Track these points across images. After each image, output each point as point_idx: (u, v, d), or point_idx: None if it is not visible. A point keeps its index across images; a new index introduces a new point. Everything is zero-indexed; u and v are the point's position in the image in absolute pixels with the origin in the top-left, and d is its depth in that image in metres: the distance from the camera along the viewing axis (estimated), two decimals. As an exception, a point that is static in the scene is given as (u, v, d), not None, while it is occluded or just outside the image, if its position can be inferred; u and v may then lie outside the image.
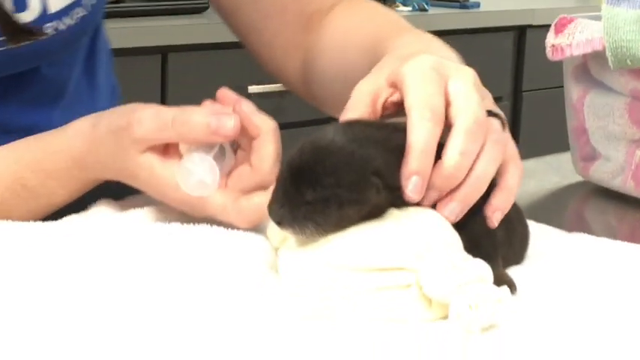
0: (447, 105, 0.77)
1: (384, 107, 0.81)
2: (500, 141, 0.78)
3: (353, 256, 0.72)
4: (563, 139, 1.24)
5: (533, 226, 0.87)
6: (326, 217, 0.72)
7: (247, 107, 0.84)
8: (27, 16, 0.98)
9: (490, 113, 0.78)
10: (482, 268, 0.72)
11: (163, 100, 2.04)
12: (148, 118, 0.83)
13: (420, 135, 0.74)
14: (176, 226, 0.84)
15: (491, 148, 0.76)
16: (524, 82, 3.26)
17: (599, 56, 1.11)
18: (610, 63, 1.02)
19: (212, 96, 0.87)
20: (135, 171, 0.85)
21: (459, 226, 0.76)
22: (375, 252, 0.72)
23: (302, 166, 0.73)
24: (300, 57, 1.15)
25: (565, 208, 1.18)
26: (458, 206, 0.75)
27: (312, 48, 1.13)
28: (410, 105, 0.76)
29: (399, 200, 0.74)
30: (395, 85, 0.79)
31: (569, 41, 1.13)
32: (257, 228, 0.84)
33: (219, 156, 0.83)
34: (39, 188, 0.90)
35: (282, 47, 1.16)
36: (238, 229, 0.83)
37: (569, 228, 0.95)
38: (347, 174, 0.72)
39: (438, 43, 0.93)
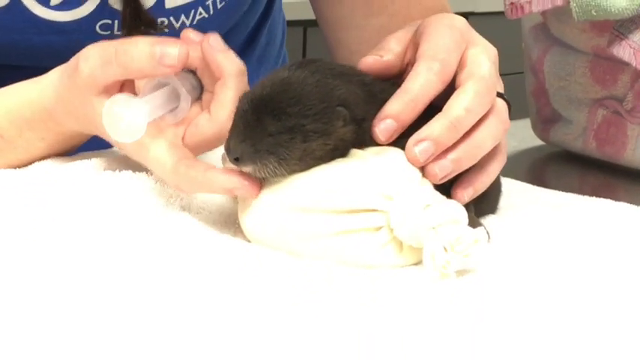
0: (460, 68, 0.73)
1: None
2: (504, 122, 0.75)
3: (318, 197, 0.68)
4: (519, 106, 1.21)
5: (504, 180, 0.84)
6: (290, 150, 0.67)
7: (215, 42, 0.77)
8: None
9: (500, 95, 0.75)
10: (456, 210, 0.67)
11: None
12: (94, 55, 0.77)
13: (417, 82, 0.71)
14: (127, 175, 0.78)
15: (494, 124, 0.73)
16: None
17: (559, 13, 1.08)
18: (574, 14, 0.99)
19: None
20: (92, 117, 0.78)
21: None
22: (342, 192, 0.68)
23: (264, 97, 0.68)
24: None
25: (525, 172, 1.14)
26: (450, 166, 0.71)
27: None
28: (421, 53, 0.72)
29: (364, 138, 0.70)
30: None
31: (528, -2, 1.09)
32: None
33: (164, 97, 0.75)
34: (16, 139, 0.85)
35: None
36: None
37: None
38: (312, 103, 0.68)
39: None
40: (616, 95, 1.07)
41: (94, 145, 0.88)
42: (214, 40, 0.77)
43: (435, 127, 0.70)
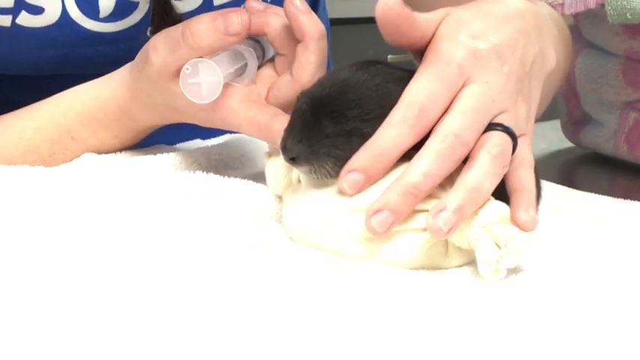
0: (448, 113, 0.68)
1: None
2: (501, 155, 0.68)
3: (370, 197, 0.68)
4: (549, 108, 1.21)
5: (544, 183, 0.84)
6: (347, 152, 0.67)
7: (299, 3, 0.77)
8: (185, 6, 0.95)
9: (496, 127, 0.70)
10: (504, 209, 0.68)
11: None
12: (161, 42, 0.79)
13: (385, 136, 0.67)
14: (176, 174, 0.79)
15: (487, 162, 0.67)
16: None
17: (592, 15, 1.08)
18: (609, 17, 0.99)
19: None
20: (173, 102, 0.80)
21: None
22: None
23: (324, 98, 0.68)
24: None
25: (554, 175, 1.14)
26: (453, 217, 0.65)
27: None
28: (401, 98, 0.68)
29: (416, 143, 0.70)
30: None
31: (561, 0, 1.09)
32: (257, 176, 0.79)
33: (230, 57, 0.79)
34: (90, 139, 0.87)
35: None
36: (236, 176, 0.79)
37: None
38: (371, 107, 0.68)
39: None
40: (648, 98, 1.07)
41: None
42: (298, 0, 0.77)
43: (390, 195, 0.66)
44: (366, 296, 0.61)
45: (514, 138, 0.70)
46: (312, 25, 0.77)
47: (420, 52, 0.73)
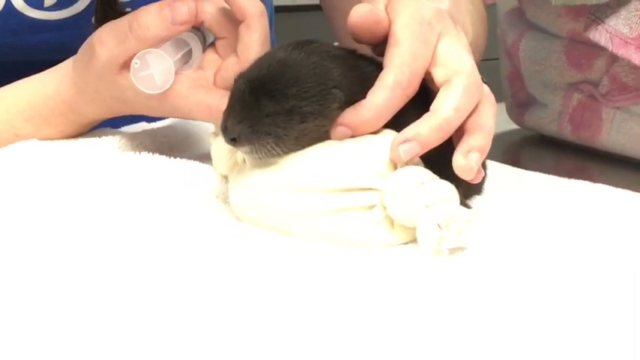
0: (434, 64, 0.72)
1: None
2: (494, 104, 0.73)
3: (312, 176, 0.68)
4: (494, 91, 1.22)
5: (489, 162, 0.85)
6: (287, 131, 0.67)
7: None
8: None
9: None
10: (449, 189, 0.68)
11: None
12: (107, 36, 0.78)
13: (379, 98, 0.69)
14: (121, 155, 0.79)
15: (489, 107, 0.72)
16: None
17: (535, -3, 1.09)
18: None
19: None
20: (121, 95, 0.80)
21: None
22: (336, 171, 0.68)
23: (261, 78, 0.68)
24: None
25: (500, 156, 1.15)
26: (477, 156, 0.69)
27: None
28: (388, 60, 0.70)
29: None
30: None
31: (505, -18, 1.10)
32: (202, 157, 0.79)
33: (175, 46, 0.79)
34: (33, 135, 0.85)
35: None
36: (182, 157, 0.78)
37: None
38: (309, 85, 0.68)
39: None
40: (591, 79, 1.08)
41: None
42: None
43: (422, 127, 0.68)
44: (314, 275, 0.62)
45: (489, 86, 0.74)
46: (251, 4, 0.78)
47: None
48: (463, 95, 0.70)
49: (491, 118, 0.72)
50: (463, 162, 0.69)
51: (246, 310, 0.56)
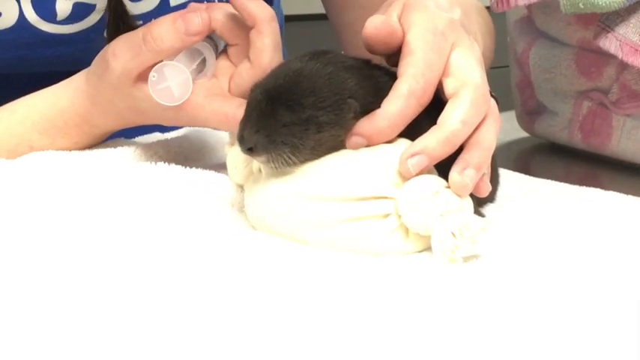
0: (446, 75, 0.72)
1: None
2: (498, 120, 0.73)
3: (327, 185, 0.69)
4: (504, 99, 1.23)
5: (501, 171, 0.86)
6: (303, 141, 0.68)
7: None
8: (143, 7, 0.95)
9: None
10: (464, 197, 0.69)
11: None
12: (121, 49, 0.79)
13: (393, 108, 0.70)
14: (137, 165, 0.79)
15: (492, 124, 0.72)
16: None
17: (544, 6, 1.09)
18: (562, 7, 1.00)
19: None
20: (137, 106, 0.81)
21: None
22: (351, 180, 0.69)
23: (278, 88, 0.69)
24: None
25: (510, 164, 1.15)
26: (475, 174, 0.69)
27: None
28: (403, 70, 0.71)
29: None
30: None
31: (515, -9, 1.11)
32: (217, 167, 0.80)
33: (189, 56, 0.80)
34: (48, 147, 0.86)
35: None
36: (197, 167, 0.79)
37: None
38: (325, 95, 0.69)
39: None
40: (601, 87, 1.08)
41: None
42: None
43: (429, 140, 0.69)
44: (330, 283, 0.62)
45: (497, 100, 0.75)
46: (261, 10, 0.79)
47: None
48: (470, 108, 0.70)
49: (492, 134, 0.72)
50: (458, 178, 0.69)
51: (259, 315, 0.56)
